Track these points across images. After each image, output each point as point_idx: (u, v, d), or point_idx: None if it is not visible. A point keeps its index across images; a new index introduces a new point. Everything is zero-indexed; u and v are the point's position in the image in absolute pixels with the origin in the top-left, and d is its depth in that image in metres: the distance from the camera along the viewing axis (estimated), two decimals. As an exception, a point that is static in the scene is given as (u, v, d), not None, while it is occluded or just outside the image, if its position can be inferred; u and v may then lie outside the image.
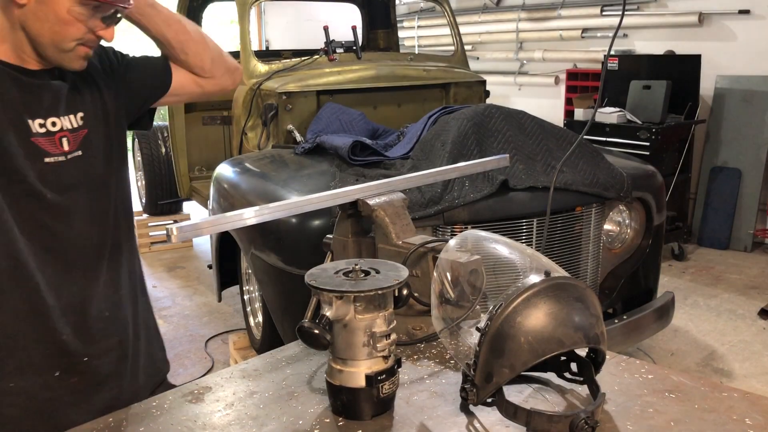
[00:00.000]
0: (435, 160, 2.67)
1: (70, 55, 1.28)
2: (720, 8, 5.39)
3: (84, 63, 1.31)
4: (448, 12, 4.40)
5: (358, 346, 1.02)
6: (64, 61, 1.29)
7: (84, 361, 1.37)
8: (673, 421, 1.01)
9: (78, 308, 1.36)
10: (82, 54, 1.29)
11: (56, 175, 1.31)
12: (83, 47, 1.28)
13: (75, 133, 1.34)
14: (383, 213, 1.37)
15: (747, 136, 5.26)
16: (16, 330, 1.30)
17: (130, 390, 1.45)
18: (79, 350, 1.36)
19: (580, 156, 2.80)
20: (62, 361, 1.34)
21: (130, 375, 1.47)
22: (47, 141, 1.30)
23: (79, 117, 1.35)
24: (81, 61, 1.30)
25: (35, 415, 1.33)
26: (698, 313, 4.12)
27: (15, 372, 1.30)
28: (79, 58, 1.29)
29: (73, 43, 1.26)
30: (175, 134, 5.01)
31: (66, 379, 1.35)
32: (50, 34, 1.24)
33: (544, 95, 6.86)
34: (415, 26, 7.89)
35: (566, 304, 1.01)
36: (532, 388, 1.12)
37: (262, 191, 2.83)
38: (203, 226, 1.19)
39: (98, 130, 1.39)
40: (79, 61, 1.30)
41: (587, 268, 2.89)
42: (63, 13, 1.22)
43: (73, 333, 1.35)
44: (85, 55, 1.29)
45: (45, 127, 1.30)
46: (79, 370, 1.37)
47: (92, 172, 1.38)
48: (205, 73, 1.50)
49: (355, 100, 3.64)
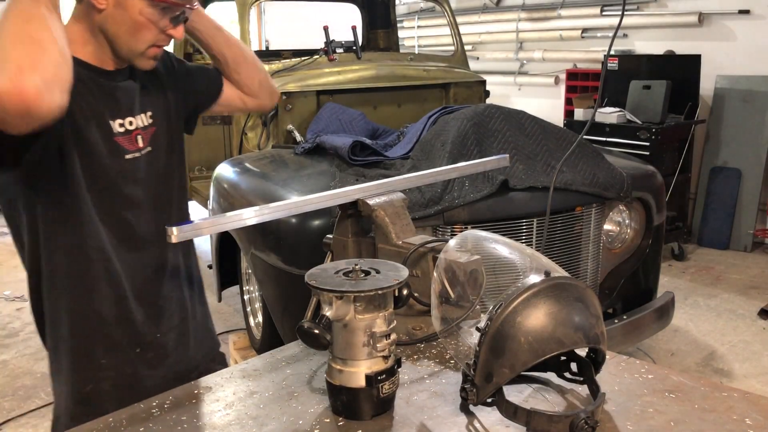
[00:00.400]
0: (435, 160, 2.67)
1: (142, 57, 1.39)
2: (720, 8, 5.40)
3: (153, 63, 1.42)
4: (448, 12, 4.40)
5: (358, 346, 1.02)
6: (137, 62, 1.40)
7: (157, 338, 1.53)
8: (673, 421, 1.01)
9: (150, 292, 1.51)
10: (152, 55, 1.40)
11: (133, 171, 1.44)
12: (154, 48, 1.39)
13: (146, 131, 1.48)
14: (383, 213, 1.37)
15: (747, 136, 5.26)
16: (105, 315, 1.44)
17: (190, 360, 1.61)
18: (151, 329, 1.52)
19: (580, 156, 2.80)
20: (139, 339, 1.50)
21: (191, 348, 1.62)
22: (126, 139, 1.43)
23: (149, 115, 1.49)
24: (151, 61, 1.41)
25: (122, 387, 1.47)
26: (698, 313, 4.12)
27: (105, 352, 1.46)
28: (149, 59, 1.40)
29: (146, 45, 1.36)
30: (175, 134, 5.00)
31: (143, 355, 1.51)
32: (126, 36, 1.35)
33: (544, 95, 6.86)
34: (415, 26, 7.90)
35: (566, 304, 1.01)
36: (532, 388, 1.12)
37: (262, 191, 2.83)
38: (203, 226, 1.19)
39: (164, 127, 1.52)
40: (149, 61, 1.41)
41: (587, 268, 2.89)
42: (136, 15, 1.33)
43: (146, 315, 1.50)
44: (154, 56, 1.40)
45: (124, 127, 1.43)
46: (152, 346, 1.52)
47: (159, 166, 1.51)
48: (252, 93, 1.68)
49: (355, 100, 3.64)
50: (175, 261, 1.58)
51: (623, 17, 2.10)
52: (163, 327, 1.55)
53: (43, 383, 3.50)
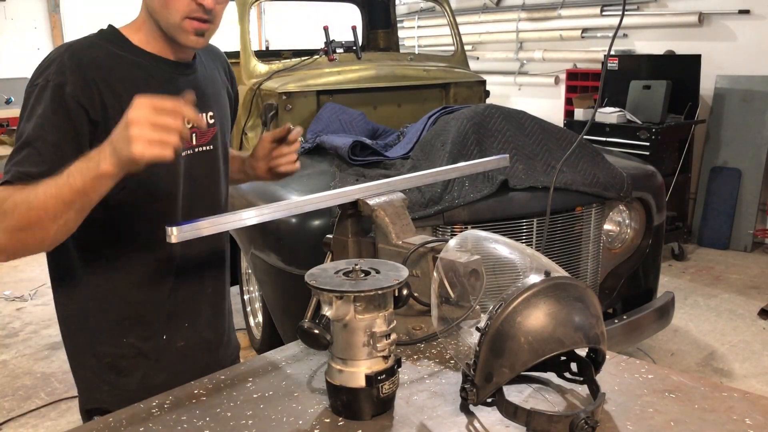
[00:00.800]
0: (435, 160, 2.67)
1: (181, 31, 1.33)
2: (720, 8, 5.40)
3: (199, 40, 1.35)
4: (448, 12, 4.40)
5: (358, 346, 1.02)
6: (179, 37, 1.34)
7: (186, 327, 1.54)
8: (673, 421, 1.01)
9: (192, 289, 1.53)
10: (192, 29, 1.33)
11: (188, 167, 1.43)
12: (192, 21, 1.32)
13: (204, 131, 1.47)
14: (383, 213, 1.37)
15: (747, 136, 5.26)
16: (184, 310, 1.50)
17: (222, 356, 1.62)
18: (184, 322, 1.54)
19: (580, 156, 2.81)
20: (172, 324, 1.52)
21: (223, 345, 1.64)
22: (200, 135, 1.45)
23: (209, 116, 1.48)
24: (194, 36, 1.34)
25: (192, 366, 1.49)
26: (698, 313, 4.12)
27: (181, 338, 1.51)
28: (190, 34, 1.33)
29: (180, 16, 1.30)
30: (175, 134, 5.01)
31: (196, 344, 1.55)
32: (160, 8, 1.32)
33: (544, 95, 6.86)
34: (415, 26, 7.90)
35: (566, 304, 1.01)
36: (532, 388, 1.12)
37: (262, 191, 2.83)
38: (203, 226, 1.19)
39: (223, 128, 1.54)
40: (191, 36, 1.34)
41: (587, 268, 2.89)
42: None
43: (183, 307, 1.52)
44: (195, 30, 1.33)
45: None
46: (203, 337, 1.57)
47: (216, 166, 1.52)
48: None
49: (355, 100, 3.64)
50: (221, 260, 1.61)
51: (623, 17, 2.10)
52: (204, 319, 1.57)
53: (43, 383, 3.50)
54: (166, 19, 1.32)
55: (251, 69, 3.72)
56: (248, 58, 3.75)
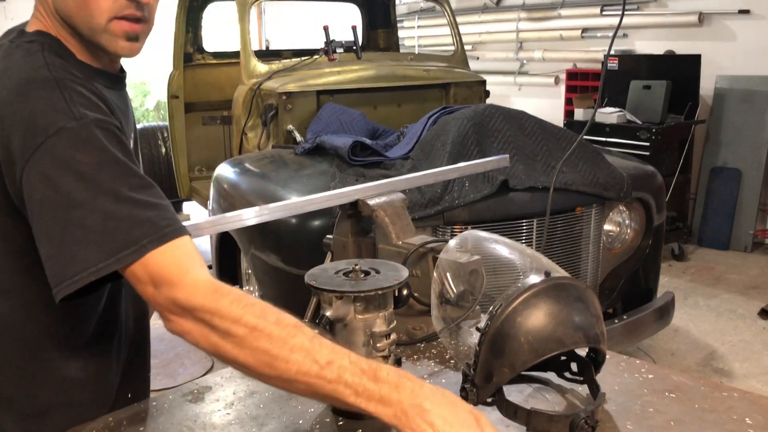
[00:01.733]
0: (435, 160, 2.67)
1: (108, 36, 1.06)
2: (720, 8, 5.39)
3: (133, 46, 1.09)
4: (448, 12, 4.40)
5: (358, 345, 1.02)
6: (106, 43, 1.07)
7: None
8: (673, 421, 1.01)
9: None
10: (122, 32, 1.07)
11: None
12: (121, 22, 1.06)
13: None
14: (383, 213, 1.37)
15: (747, 136, 5.26)
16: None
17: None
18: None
19: (580, 156, 2.80)
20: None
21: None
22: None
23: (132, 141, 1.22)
24: (125, 42, 1.08)
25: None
26: (698, 313, 4.12)
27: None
28: (120, 38, 1.07)
29: (105, 17, 1.05)
30: (175, 134, 5.01)
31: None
32: (78, 9, 1.05)
33: (544, 95, 6.86)
34: (415, 26, 7.89)
35: (566, 304, 1.01)
36: (532, 388, 1.12)
37: (262, 191, 2.83)
38: (203, 226, 1.19)
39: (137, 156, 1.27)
40: (121, 42, 1.08)
41: (587, 269, 2.89)
42: None
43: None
44: (126, 33, 1.07)
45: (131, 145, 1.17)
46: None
47: None
48: None
49: (355, 100, 3.64)
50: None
51: (623, 17, 2.10)
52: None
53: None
54: (86, 22, 1.05)
55: (251, 69, 3.72)
56: (248, 58, 3.75)
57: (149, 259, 0.93)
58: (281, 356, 0.88)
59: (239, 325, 0.90)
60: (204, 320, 0.91)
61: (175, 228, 0.97)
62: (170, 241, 0.95)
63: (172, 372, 3.52)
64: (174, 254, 0.95)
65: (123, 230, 0.93)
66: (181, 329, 0.94)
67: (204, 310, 0.91)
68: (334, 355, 0.88)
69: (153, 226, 0.94)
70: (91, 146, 0.96)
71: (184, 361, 3.63)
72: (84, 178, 0.94)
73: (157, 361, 3.63)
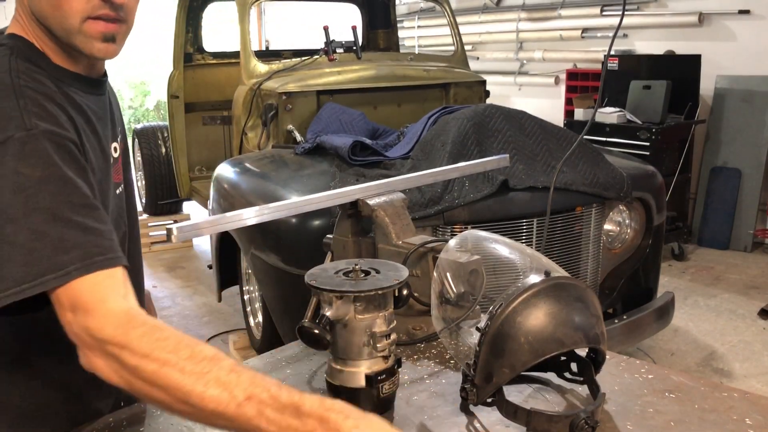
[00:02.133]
0: (435, 160, 2.67)
1: (82, 37, 1.03)
2: (720, 8, 5.39)
3: (109, 47, 1.05)
4: (448, 12, 4.40)
5: (358, 346, 1.02)
6: (81, 47, 1.04)
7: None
8: (673, 421, 1.01)
9: None
10: (97, 33, 1.03)
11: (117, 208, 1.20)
12: (96, 22, 1.02)
13: (117, 163, 1.21)
14: (383, 213, 1.37)
15: (747, 136, 5.26)
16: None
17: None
18: None
19: (580, 156, 2.81)
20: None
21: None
22: (116, 170, 1.18)
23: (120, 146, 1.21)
24: (101, 43, 1.04)
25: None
26: (698, 313, 4.12)
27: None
28: (95, 40, 1.03)
29: (78, 18, 1.01)
30: (175, 134, 5.02)
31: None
32: (51, 10, 1.01)
33: (544, 95, 6.86)
34: (415, 26, 7.89)
35: (566, 304, 1.01)
36: (532, 388, 1.12)
37: (262, 191, 2.83)
38: (203, 226, 1.19)
39: (127, 158, 1.28)
40: (97, 43, 1.04)
41: (587, 268, 2.89)
42: None
43: None
44: (102, 35, 1.03)
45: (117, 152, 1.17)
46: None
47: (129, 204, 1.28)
48: None
49: (355, 100, 3.64)
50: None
51: (623, 17, 2.10)
52: None
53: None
54: (60, 24, 1.02)
55: (251, 69, 3.72)
56: (248, 58, 3.75)
57: (72, 285, 0.89)
58: (195, 392, 0.82)
59: (149, 360, 0.84)
60: (113, 354, 0.86)
61: (107, 258, 0.92)
62: (98, 271, 0.91)
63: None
64: (99, 283, 0.90)
65: (50, 253, 0.89)
66: (94, 365, 0.89)
67: (113, 343, 0.86)
68: (254, 388, 0.83)
69: (84, 252, 0.91)
70: (36, 159, 0.92)
71: (184, 361, 3.63)
72: (23, 191, 0.90)
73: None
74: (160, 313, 4.28)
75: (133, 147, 5.90)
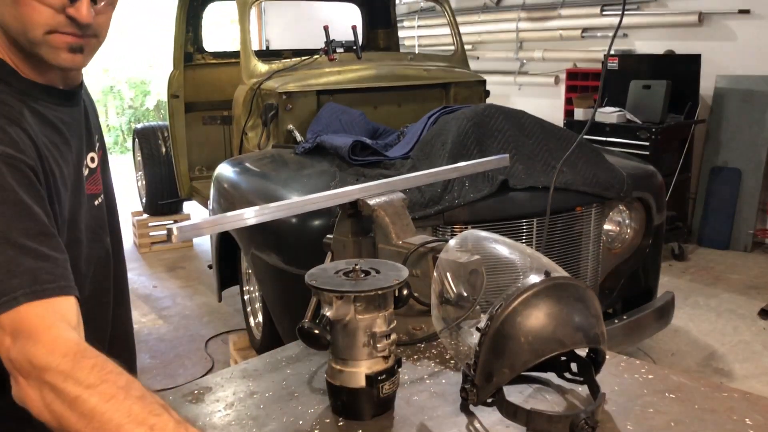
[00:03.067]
0: (435, 160, 2.67)
1: (47, 48, 1.02)
2: (720, 8, 5.39)
3: (76, 58, 1.05)
4: (448, 12, 4.40)
5: (358, 346, 1.02)
6: (46, 55, 1.03)
7: None
8: (673, 422, 1.01)
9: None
10: (62, 44, 1.02)
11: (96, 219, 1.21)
12: (60, 36, 1.01)
13: (95, 173, 1.22)
14: (383, 213, 1.37)
15: (747, 136, 5.26)
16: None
17: None
18: None
19: (580, 156, 2.80)
20: None
21: None
22: (92, 181, 1.19)
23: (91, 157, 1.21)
24: (67, 54, 1.03)
25: None
26: (698, 313, 4.12)
27: None
28: (61, 50, 1.03)
29: (41, 30, 1.00)
30: (175, 134, 5.02)
31: None
32: (14, 23, 1.00)
33: (544, 95, 6.86)
34: (415, 26, 7.89)
35: (566, 304, 1.01)
36: (532, 388, 1.12)
37: (262, 191, 2.83)
38: (203, 226, 1.19)
39: (106, 167, 1.28)
40: (63, 54, 1.03)
41: (587, 268, 2.89)
42: None
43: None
44: (67, 45, 1.03)
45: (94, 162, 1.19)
46: None
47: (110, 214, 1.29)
48: None
49: (355, 100, 3.64)
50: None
51: (623, 17, 2.10)
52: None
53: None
54: (23, 35, 1.01)
55: (251, 69, 3.72)
56: (248, 57, 3.75)
57: (19, 310, 0.86)
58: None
59: (93, 392, 0.80)
60: (52, 384, 0.82)
61: (58, 285, 0.90)
62: (47, 299, 0.88)
63: (172, 372, 3.52)
64: (47, 309, 0.88)
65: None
66: (25, 396, 0.85)
67: (57, 371, 0.82)
68: None
69: (33, 278, 0.88)
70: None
71: (184, 362, 3.63)
72: None
73: (157, 362, 3.63)
74: (160, 313, 4.29)
75: (133, 147, 5.90)
